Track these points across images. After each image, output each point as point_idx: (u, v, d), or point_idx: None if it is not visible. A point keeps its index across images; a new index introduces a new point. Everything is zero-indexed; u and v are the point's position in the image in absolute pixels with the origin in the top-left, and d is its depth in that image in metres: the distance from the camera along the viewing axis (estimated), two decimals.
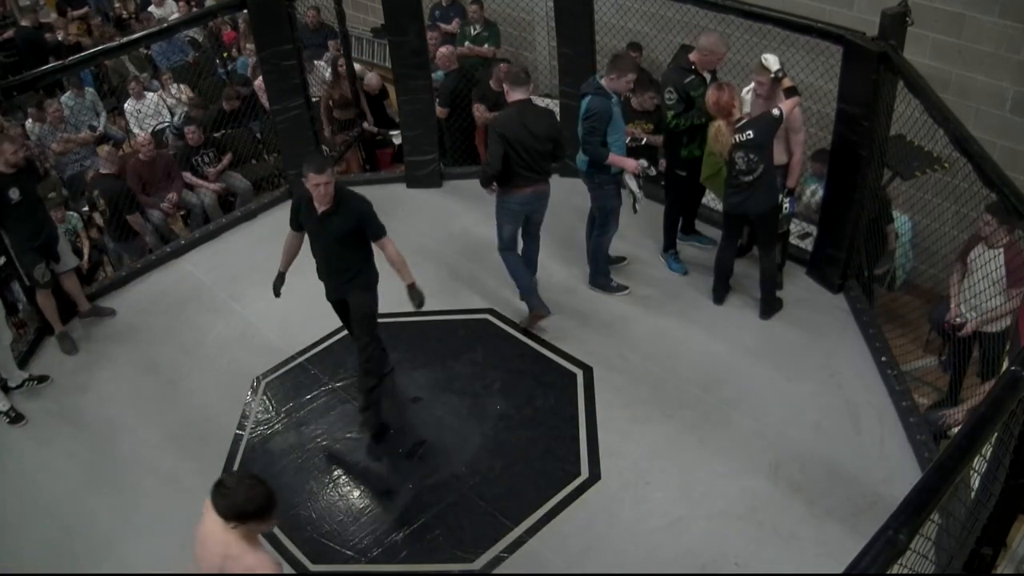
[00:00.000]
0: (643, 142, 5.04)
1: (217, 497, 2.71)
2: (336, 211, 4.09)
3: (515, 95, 4.77)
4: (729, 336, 4.99)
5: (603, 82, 4.76)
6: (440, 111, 6.90)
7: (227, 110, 7.56)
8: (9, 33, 9.85)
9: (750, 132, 4.58)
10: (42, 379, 5.02)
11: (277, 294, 4.51)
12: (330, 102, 7.60)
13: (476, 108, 7.04)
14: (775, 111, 4.58)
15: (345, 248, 4.20)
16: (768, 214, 4.81)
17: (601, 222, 5.17)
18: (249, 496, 2.70)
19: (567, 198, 6.02)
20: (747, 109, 4.87)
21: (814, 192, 5.87)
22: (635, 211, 5.10)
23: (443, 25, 8.29)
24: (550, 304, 5.20)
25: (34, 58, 8.31)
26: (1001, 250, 4.33)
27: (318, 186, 3.96)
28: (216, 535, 2.75)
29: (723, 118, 4.63)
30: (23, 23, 9.53)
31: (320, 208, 4.08)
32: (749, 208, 4.78)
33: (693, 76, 4.96)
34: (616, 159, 4.85)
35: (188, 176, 7.12)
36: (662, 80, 5.31)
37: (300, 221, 4.27)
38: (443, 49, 7.32)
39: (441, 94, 7.02)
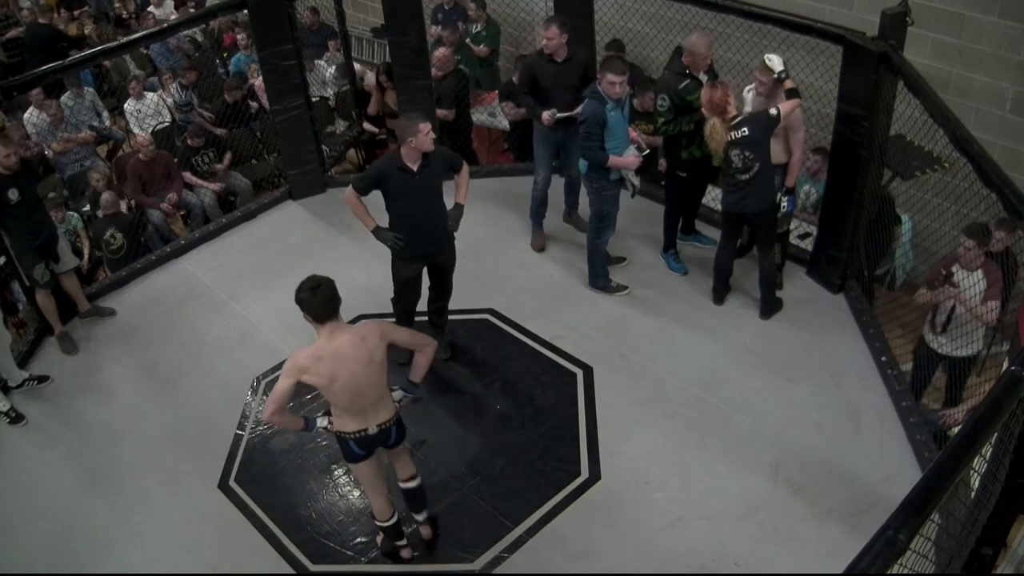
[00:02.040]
0: (647, 153, 5.04)
1: (323, 306, 3.23)
2: (430, 161, 4.33)
3: None
4: (729, 336, 4.99)
5: (598, 86, 4.74)
6: (445, 113, 6.83)
7: (229, 101, 7.56)
8: (13, 32, 9.84)
9: (745, 129, 4.58)
10: (42, 379, 5.02)
11: (398, 245, 4.47)
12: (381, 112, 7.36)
13: (505, 106, 6.96)
14: (772, 111, 4.57)
15: (439, 199, 4.48)
16: (766, 213, 4.81)
17: (596, 225, 5.17)
18: (328, 284, 3.25)
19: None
20: (748, 108, 4.87)
21: (808, 193, 5.87)
22: (632, 197, 5.17)
23: (441, 30, 8.21)
24: (551, 303, 5.24)
25: (45, 57, 8.26)
26: (980, 270, 4.44)
27: (429, 134, 4.21)
28: (344, 339, 3.28)
29: (717, 116, 4.62)
30: (41, 21, 9.48)
31: (417, 163, 4.28)
32: (746, 207, 4.78)
33: (688, 80, 4.94)
34: (617, 160, 4.85)
35: (188, 176, 7.12)
36: (657, 85, 5.31)
37: (380, 187, 4.35)
38: (441, 51, 7.23)
39: (443, 96, 6.97)
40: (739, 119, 4.62)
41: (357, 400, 3.36)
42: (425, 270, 4.69)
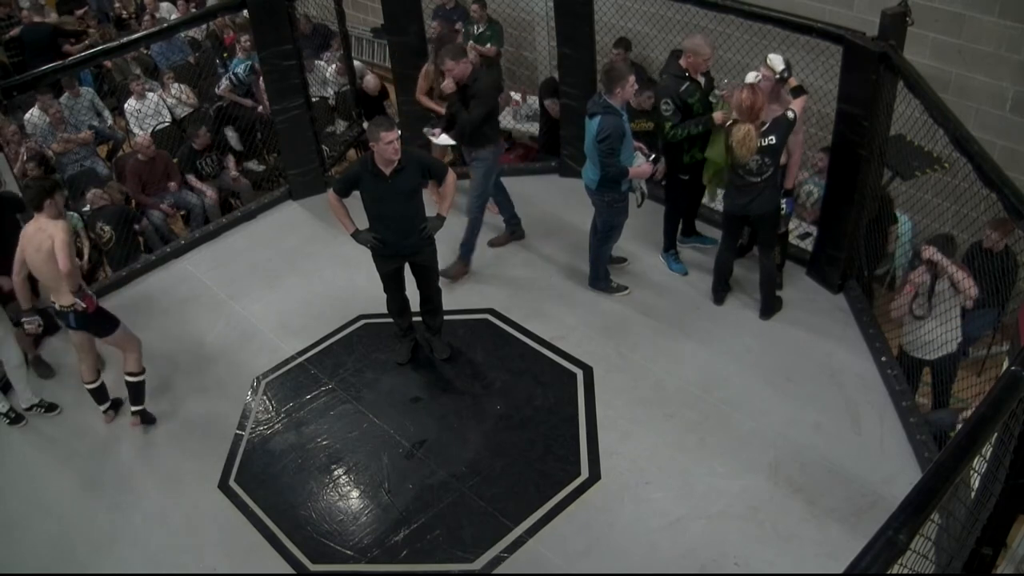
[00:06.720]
0: (652, 158, 5.03)
1: (32, 198, 4.17)
2: (403, 167, 4.30)
3: None
4: (729, 336, 4.99)
5: (609, 99, 4.70)
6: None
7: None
8: (15, 31, 9.82)
9: (772, 138, 4.54)
10: (51, 407, 4.85)
11: (376, 245, 4.52)
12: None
13: (551, 104, 6.91)
14: (789, 114, 4.55)
15: (413, 203, 4.46)
16: (771, 214, 4.81)
17: (604, 235, 5.17)
18: (44, 185, 4.21)
19: (568, 199, 6.02)
20: None
21: (809, 193, 5.87)
22: (639, 206, 5.14)
23: (441, 26, 8.20)
24: (551, 303, 5.24)
25: (45, 56, 8.23)
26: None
27: (391, 143, 4.17)
28: (34, 227, 4.16)
29: (752, 121, 4.51)
30: (36, 19, 9.45)
31: (389, 168, 4.28)
32: (754, 209, 4.76)
33: (688, 83, 4.93)
34: (635, 171, 4.86)
35: (192, 179, 7.11)
36: (657, 91, 5.29)
37: (357, 188, 4.42)
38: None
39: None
40: (767, 126, 4.55)
41: (39, 277, 4.26)
42: (411, 270, 4.73)
